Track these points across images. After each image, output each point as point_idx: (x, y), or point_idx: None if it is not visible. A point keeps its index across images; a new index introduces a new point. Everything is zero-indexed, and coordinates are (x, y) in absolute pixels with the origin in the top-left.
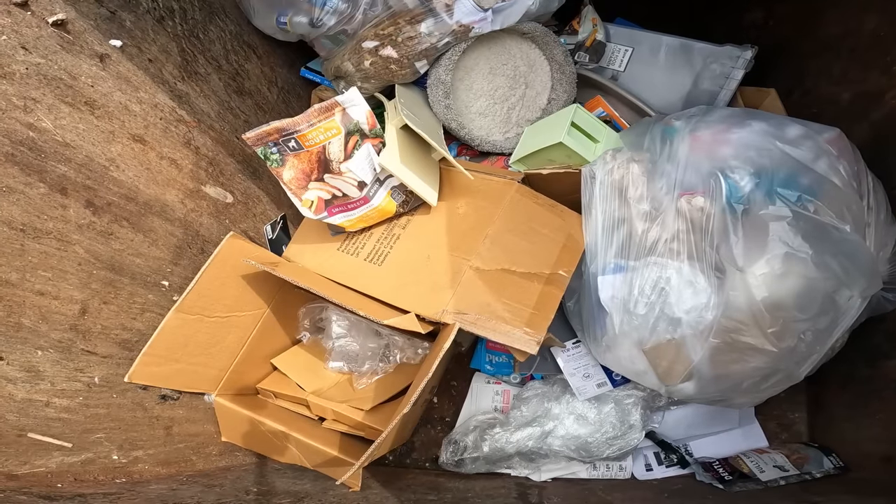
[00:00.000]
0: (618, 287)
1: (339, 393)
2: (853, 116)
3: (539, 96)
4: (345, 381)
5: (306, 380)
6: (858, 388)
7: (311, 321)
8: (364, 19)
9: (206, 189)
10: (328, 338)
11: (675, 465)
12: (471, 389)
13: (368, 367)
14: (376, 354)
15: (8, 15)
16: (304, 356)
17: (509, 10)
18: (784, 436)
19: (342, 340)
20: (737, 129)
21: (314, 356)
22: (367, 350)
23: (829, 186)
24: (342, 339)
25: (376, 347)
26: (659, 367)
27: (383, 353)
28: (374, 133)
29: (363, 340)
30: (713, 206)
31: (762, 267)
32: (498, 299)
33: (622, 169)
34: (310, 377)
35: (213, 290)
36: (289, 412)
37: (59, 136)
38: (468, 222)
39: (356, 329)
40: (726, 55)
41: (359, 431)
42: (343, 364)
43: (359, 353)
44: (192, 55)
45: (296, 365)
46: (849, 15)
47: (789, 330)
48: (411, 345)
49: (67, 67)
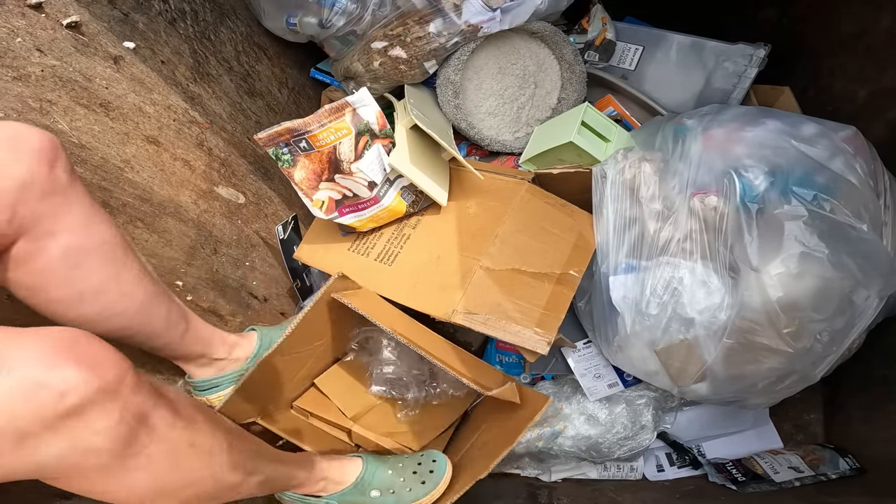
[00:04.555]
0: (629, 287)
1: (382, 421)
2: (869, 114)
3: (549, 96)
4: (386, 406)
5: (347, 403)
6: (875, 389)
7: (360, 341)
8: (373, 20)
9: (218, 190)
10: (376, 361)
11: (688, 465)
12: None
13: (413, 395)
14: (421, 382)
15: (23, 17)
16: (345, 377)
17: (518, 9)
18: (799, 437)
19: (389, 366)
20: (751, 127)
21: (355, 377)
22: (411, 377)
23: (846, 185)
24: (389, 365)
25: (420, 374)
26: (671, 368)
27: (428, 380)
28: (385, 133)
29: (409, 367)
30: (727, 206)
31: (777, 266)
32: (508, 299)
33: (634, 168)
34: (351, 400)
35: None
36: (326, 435)
37: (76, 137)
38: (478, 222)
39: (405, 354)
40: (739, 53)
41: None
42: (387, 389)
43: (404, 380)
44: (204, 57)
45: (338, 386)
46: (864, 13)
47: (805, 330)
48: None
49: (82, 69)
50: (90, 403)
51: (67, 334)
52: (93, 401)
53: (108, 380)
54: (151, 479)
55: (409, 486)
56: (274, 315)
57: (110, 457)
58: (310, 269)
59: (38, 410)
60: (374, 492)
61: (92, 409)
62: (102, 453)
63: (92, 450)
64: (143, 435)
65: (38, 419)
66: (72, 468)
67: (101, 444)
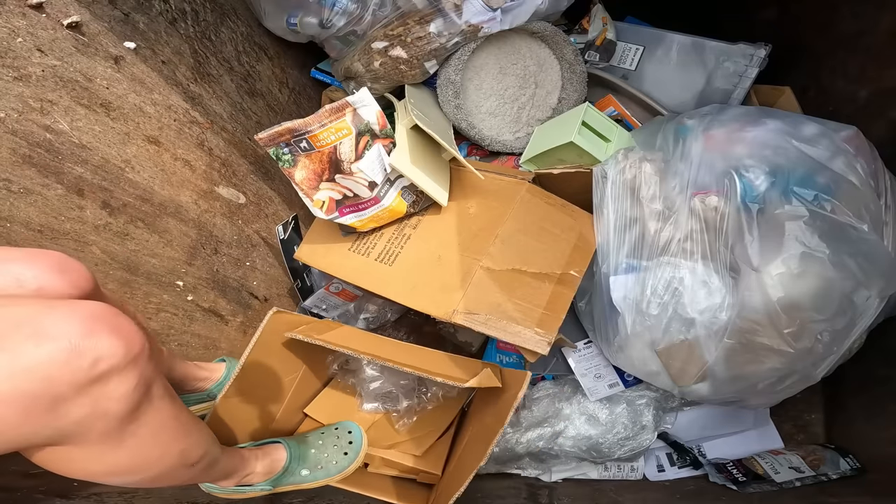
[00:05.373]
0: (630, 287)
1: (382, 435)
2: (870, 114)
3: (549, 96)
4: (382, 421)
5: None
6: (876, 390)
7: (340, 363)
8: (373, 20)
9: (219, 190)
10: (361, 381)
11: (688, 466)
12: None
13: (405, 405)
14: (410, 390)
15: (23, 17)
16: (335, 400)
17: (518, 9)
18: (800, 437)
19: (375, 382)
20: (751, 127)
21: (346, 399)
22: (399, 387)
23: (847, 185)
24: (375, 381)
25: (407, 383)
26: (672, 368)
27: (417, 388)
28: (385, 133)
29: (395, 379)
30: (727, 206)
31: (778, 267)
32: (509, 299)
33: (634, 168)
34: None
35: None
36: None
37: (76, 137)
38: (479, 222)
39: (386, 367)
40: (740, 53)
41: (411, 475)
42: (379, 405)
43: (393, 392)
44: (205, 57)
45: (329, 410)
46: (865, 13)
47: (806, 330)
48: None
49: (83, 69)
50: (117, 370)
51: (99, 307)
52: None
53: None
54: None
55: (333, 459)
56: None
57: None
58: (310, 269)
59: (73, 375)
60: (304, 470)
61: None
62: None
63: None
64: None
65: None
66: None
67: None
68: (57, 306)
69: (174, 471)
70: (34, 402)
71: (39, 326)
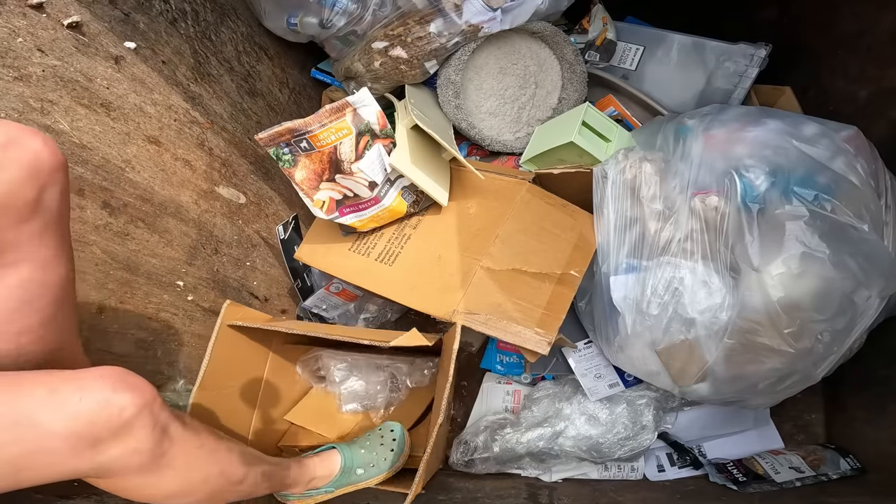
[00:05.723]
0: (630, 287)
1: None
2: (871, 114)
3: (549, 96)
4: (363, 419)
5: (327, 428)
6: (877, 389)
7: (310, 372)
8: (374, 20)
9: (219, 190)
10: (333, 384)
11: (688, 465)
12: (481, 390)
13: (382, 399)
14: (385, 386)
15: (24, 17)
16: (315, 405)
17: (518, 9)
18: (800, 437)
19: (348, 383)
20: (752, 127)
21: (325, 404)
22: (374, 385)
23: (847, 185)
24: (347, 382)
25: (382, 380)
26: (672, 368)
27: (391, 383)
28: (385, 133)
29: (367, 377)
30: (728, 206)
31: (778, 267)
32: (509, 299)
33: (634, 168)
34: (329, 424)
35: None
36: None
37: (76, 137)
38: (479, 222)
39: (356, 368)
40: (740, 53)
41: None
42: (357, 405)
43: (367, 390)
44: (205, 57)
45: (310, 416)
46: (865, 12)
47: (806, 330)
48: (416, 368)
49: (83, 69)
50: (136, 417)
51: (118, 371)
52: (138, 415)
53: (147, 400)
54: (177, 477)
55: (383, 456)
56: (275, 315)
57: (149, 457)
58: (310, 269)
59: (107, 421)
60: (359, 470)
61: (137, 421)
62: (144, 454)
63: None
64: (166, 441)
65: (107, 428)
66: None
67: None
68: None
69: (224, 489)
70: (80, 441)
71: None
